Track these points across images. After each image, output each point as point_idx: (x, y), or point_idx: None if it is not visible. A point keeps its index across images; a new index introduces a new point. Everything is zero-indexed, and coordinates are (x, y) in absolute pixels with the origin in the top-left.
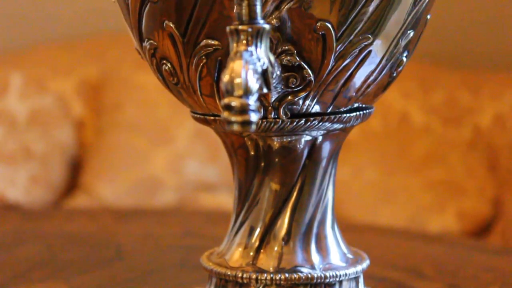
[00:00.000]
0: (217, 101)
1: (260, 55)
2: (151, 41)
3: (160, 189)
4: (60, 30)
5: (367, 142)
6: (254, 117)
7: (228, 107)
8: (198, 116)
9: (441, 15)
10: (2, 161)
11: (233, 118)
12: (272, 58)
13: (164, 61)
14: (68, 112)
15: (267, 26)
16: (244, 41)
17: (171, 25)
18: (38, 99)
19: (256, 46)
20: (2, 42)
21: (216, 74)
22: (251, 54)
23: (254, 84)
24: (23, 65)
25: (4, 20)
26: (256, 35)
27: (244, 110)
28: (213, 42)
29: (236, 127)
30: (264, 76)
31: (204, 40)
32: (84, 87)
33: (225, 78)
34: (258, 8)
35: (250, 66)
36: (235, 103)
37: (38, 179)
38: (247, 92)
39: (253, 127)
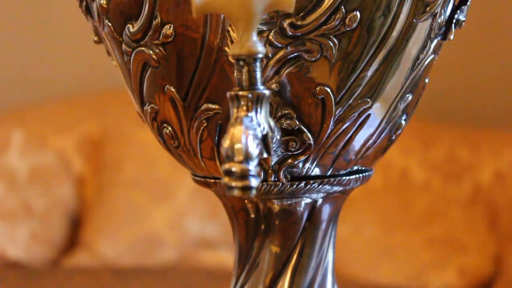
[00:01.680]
0: (218, 164)
1: (260, 120)
2: (152, 105)
3: (160, 246)
4: (61, 88)
5: (367, 198)
6: (254, 182)
7: (228, 173)
8: (198, 178)
9: (440, 72)
10: (2, 218)
11: (234, 184)
12: (272, 123)
13: (165, 125)
14: (69, 169)
15: (267, 92)
16: (245, 107)
17: (172, 89)
18: (38, 156)
19: (256, 112)
20: (3, 99)
21: (216, 138)
22: (251, 120)
23: (254, 149)
24: (24, 122)
25: (5, 77)
26: (256, 101)
27: (244, 175)
28: (213, 106)
29: (236, 193)
30: (264, 141)
31: (204, 104)
32: (84, 144)
33: (226, 143)
34: (258, 74)
35: (250, 131)
36: (235, 168)
37: (38, 236)
38: (247, 157)
39: (254, 192)
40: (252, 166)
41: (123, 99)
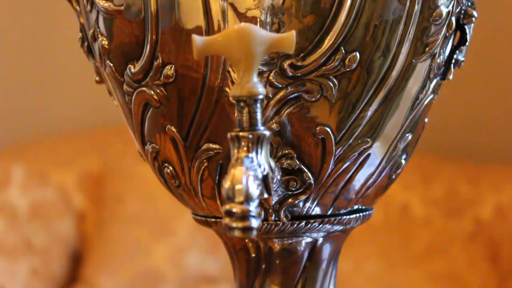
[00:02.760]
0: (219, 203)
1: (261, 161)
2: (153, 145)
3: (161, 282)
4: (61, 123)
5: (368, 234)
6: (255, 223)
7: (229, 213)
8: (199, 218)
9: (441, 108)
10: (3, 254)
11: (234, 224)
12: (272, 163)
13: (166, 164)
14: (69, 204)
15: (267, 133)
16: (245, 148)
17: (173, 129)
18: (39, 192)
19: (257, 153)
20: (4, 135)
21: (217, 177)
22: (252, 161)
23: (255, 190)
24: (25, 157)
25: (6, 112)
26: (257, 142)
27: (245, 216)
28: (214, 146)
29: (237, 233)
30: (265, 182)
31: (205, 144)
32: (85, 179)
33: (226, 184)
34: (259, 115)
35: (251, 172)
36: (236, 209)
37: (38, 272)
38: (248, 198)
39: (254, 232)
40: (253, 207)
41: (123, 134)
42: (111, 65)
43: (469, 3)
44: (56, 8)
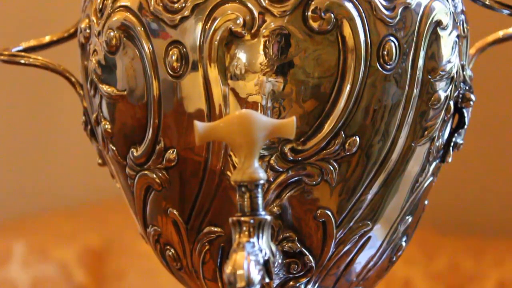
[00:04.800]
0: (220, 286)
1: (262, 246)
2: (155, 227)
3: None
4: (62, 198)
5: None
6: None
7: None
8: None
9: (442, 182)
10: None
11: None
12: (273, 248)
13: (168, 247)
14: (70, 280)
15: (268, 218)
16: (246, 232)
17: (175, 212)
18: (40, 268)
19: (258, 237)
20: (4, 210)
21: (219, 260)
22: (253, 246)
23: (256, 275)
24: (26, 233)
25: (6, 188)
26: (258, 227)
27: None
28: (216, 229)
29: None
30: (266, 266)
31: (207, 227)
32: (86, 255)
33: (228, 269)
34: (260, 200)
35: (252, 257)
36: None
37: None
38: (249, 283)
39: None
40: None
41: (124, 209)
42: (114, 148)
43: (467, 87)
44: (59, 87)
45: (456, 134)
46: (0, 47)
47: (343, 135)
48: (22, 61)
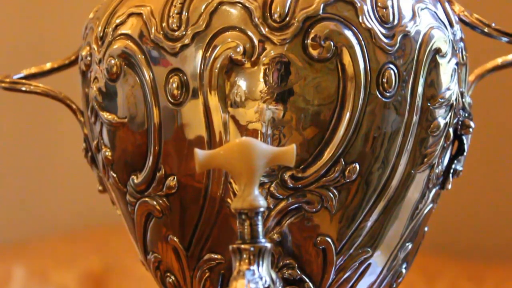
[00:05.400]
0: None
1: (262, 273)
2: (156, 254)
3: None
4: (62, 222)
5: None
6: None
7: None
8: None
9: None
10: None
11: None
12: (274, 275)
13: (168, 274)
14: None
15: (268, 245)
16: (247, 260)
17: (175, 239)
18: None
19: (258, 265)
20: (4, 233)
21: (219, 287)
22: (253, 273)
23: None
24: (26, 256)
25: (6, 212)
26: (258, 254)
27: None
28: (216, 256)
29: None
30: None
31: (207, 254)
32: (86, 279)
33: None
34: (260, 228)
35: (252, 285)
36: None
37: None
38: None
39: None
40: None
41: (124, 233)
42: (114, 175)
43: (466, 114)
44: (60, 114)
45: (455, 161)
46: (1, 74)
47: (343, 162)
48: (23, 89)
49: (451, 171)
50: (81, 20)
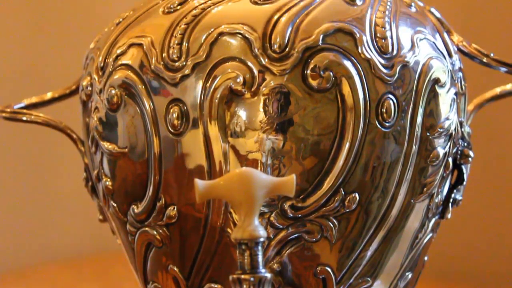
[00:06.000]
0: None
1: None
2: (156, 284)
3: None
4: (62, 250)
5: None
6: None
7: None
8: None
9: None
10: None
11: None
12: None
13: None
14: None
15: (268, 275)
16: None
17: (175, 269)
18: None
19: None
20: (4, 261)
21: None
22: None
23: None
24: (26, 284)
25: (6, 240)
26: (258, 284)
27: None
28: (216, 286)
29: None
30: None
31: (207, 284)
32: None
33: None
34: (260, 258)
35: None
36: None
37: None
38: None
39: None
40: None
41: (124, 262)
42: (115, 205)
43: (465, 144)
44: (60, 143)
45: (455, 191)
46: (2, 103)
47: (343, 192)
48: (24, 118)
49: (451, 200)
50: (81, 49)
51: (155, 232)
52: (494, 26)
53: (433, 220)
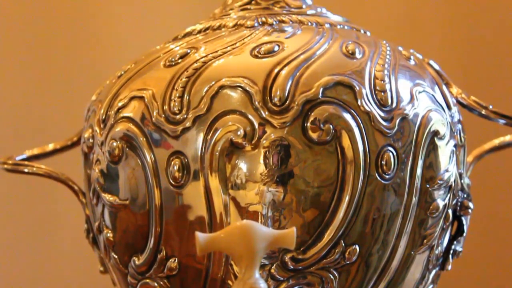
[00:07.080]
0: None
1: None
2: None
3: None
4: None
5: None
6: None
7: None
8: None
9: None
10: None
11: None
12: None
13: None
14: None
15: None
16: None
17: None
18: None
19: None
20: None
21: None
22: None
23: None
24: None
25: (6, 278)
26: None
27: None
28: None
29: None
30: None
31: None
32: None
33: None
34: None
35: None
36: None
37: None
38: None
39: None
40: None
41: None
42: (116, 257)
43: (465, 195)
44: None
45: (455, 242)
46: (4, 155)
47: (343, 244)
48: (26, 170)
49: (451, 252)
50: (83, 101)
51: (156, 284)
52: (493, 77)
53: (433, 272)
